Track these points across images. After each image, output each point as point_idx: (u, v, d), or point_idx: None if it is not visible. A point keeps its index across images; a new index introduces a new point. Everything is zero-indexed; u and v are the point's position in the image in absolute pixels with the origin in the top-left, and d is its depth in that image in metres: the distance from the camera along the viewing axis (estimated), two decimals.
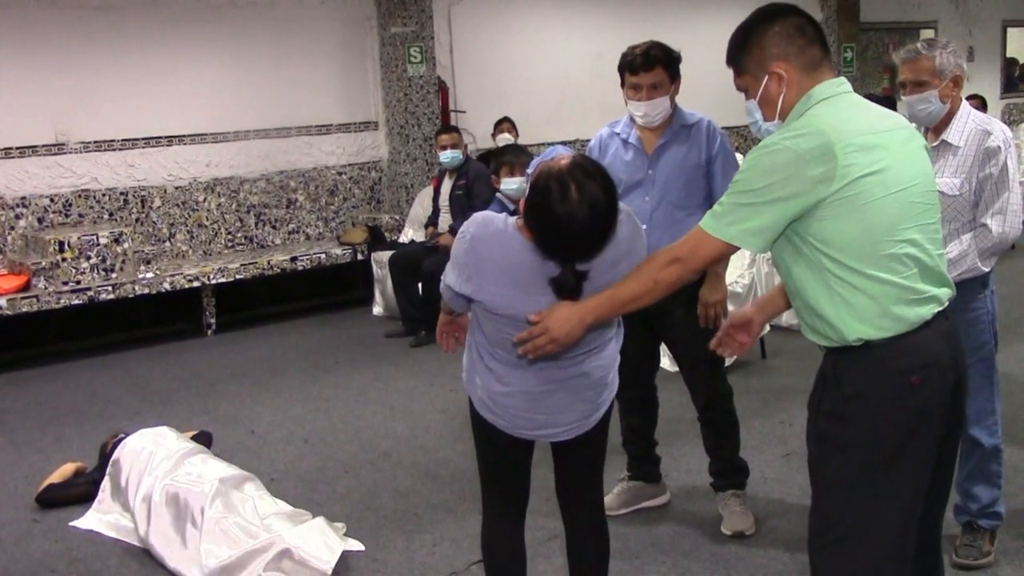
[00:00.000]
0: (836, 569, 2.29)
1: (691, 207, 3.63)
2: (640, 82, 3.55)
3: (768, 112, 2.34)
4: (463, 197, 7.02)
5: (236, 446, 4.94)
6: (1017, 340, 5.98)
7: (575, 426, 2.68)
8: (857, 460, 2.23)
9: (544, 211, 2.35)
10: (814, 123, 2.19)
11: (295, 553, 3.49)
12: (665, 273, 2.33)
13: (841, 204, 2.14)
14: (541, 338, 2.39)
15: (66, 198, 7.33)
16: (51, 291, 6.68)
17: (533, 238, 2.41)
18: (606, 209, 2.37)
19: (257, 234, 8.27)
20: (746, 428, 4.04)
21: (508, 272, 2.46)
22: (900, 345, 2.20)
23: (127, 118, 7.55)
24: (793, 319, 6.64)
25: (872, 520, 2.25)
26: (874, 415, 2.21)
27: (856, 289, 2.19)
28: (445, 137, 7.23)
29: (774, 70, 2.28)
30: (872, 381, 2.21)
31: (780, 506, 3.95)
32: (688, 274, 2.36)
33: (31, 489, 4.45)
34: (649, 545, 3.70)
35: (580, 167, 2.38)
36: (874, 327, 2.19)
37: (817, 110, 2.23)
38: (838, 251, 2.17)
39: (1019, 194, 3.21)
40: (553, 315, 2.39)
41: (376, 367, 6.37)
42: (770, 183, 2.16)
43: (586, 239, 2.37)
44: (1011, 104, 13.53)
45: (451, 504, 4.17)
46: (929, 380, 2.21)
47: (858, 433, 2.22)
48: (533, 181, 2.40)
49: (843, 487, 2.26)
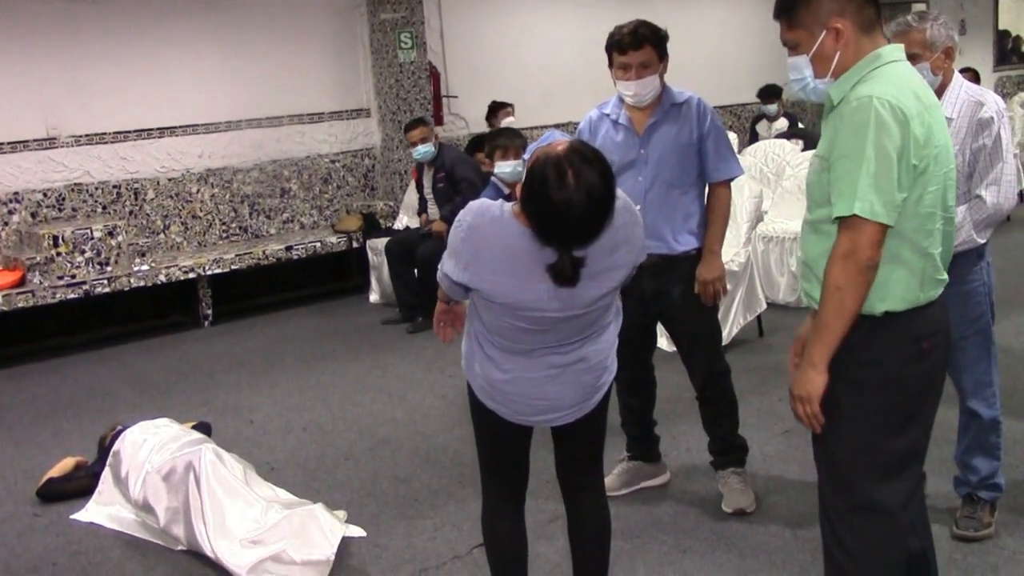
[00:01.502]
0: (858, 535, 2.33)
1: (684, 185, 3.62)
2: (629, 61, 3.53)
3: (820, 69, 2.32)
4: (447, 188, 6.99)
5: (235, 436, 4.94)
6: (1014, 312, 5.98)
7: (574, 410, 2.68)
8: (873, 426, 2.28)
9: (541, 198, 2.34)
10: (906, 83, 2.21)
11: (291, 557, 3.49)
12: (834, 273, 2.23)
13: (920, 173, 2.19)
14: (798, 408, 2.34)
15: (59, 192, 7.31)
16: (46, 286, 6.66)
17: (530, 224, 2.40)
18: (603, 195, 2.35)
19: (251, 224, 8.25)
20: (744, 406, 4.04)
21: (505, 259, 2.45)
22: (916, 315, 2.26)
23: (118, 111, 7.51)
24: (790, 296, 6.70)
25: (887, 484, 2.30)
26: (889, 381, 2.26)
27: (901, 261, 2.23)
28: (414, 133, 7.10)
29: (833, 25, 2.26)
30: (889, 349, 2.26)
31: (780, 483, 3.96)
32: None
33: (31, 484, 4.45)
34: (650, 524, 3.71)
35: (577, 153, 2.36)
36: (903, 300, 2.25)
37: (894, 70, 2.24)
38: (901, 220, 2.19)
39: (1013, 165, 3.21)
40: (792, 384, 2.36)
41: (374, 354, 6.37)
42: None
43: (583, 225, 2.36)
44: (1004, 77, 13.49)
45: (451, 489, 4.17)
46: (936, 346, 2.29)
47: (874, 399, 2.27)
48: (530, 167, 2.38)
49: (858, 453, 2.30)
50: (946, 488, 3.59)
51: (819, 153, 2.32)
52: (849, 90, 2.25)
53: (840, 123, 2.22)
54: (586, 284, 2.45)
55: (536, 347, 2.58)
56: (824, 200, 2.28)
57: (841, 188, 2.19)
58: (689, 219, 3.66)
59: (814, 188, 2.34)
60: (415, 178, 7.54)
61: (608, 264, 2.48)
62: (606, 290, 2.53)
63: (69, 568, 3.74)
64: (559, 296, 2.45)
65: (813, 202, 2.35)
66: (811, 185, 2.36)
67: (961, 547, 3.31)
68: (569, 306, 2.49)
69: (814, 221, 2.35)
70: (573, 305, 2.49)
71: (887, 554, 2.36)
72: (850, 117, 2.18)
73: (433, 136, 7.19)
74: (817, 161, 2.33)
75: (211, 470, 3.72)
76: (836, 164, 2.21)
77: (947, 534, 3.37)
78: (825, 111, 2.38)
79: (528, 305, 2.47)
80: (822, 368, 2.27)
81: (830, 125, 2.30)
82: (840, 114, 2.24)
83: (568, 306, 2.49)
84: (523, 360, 2.60)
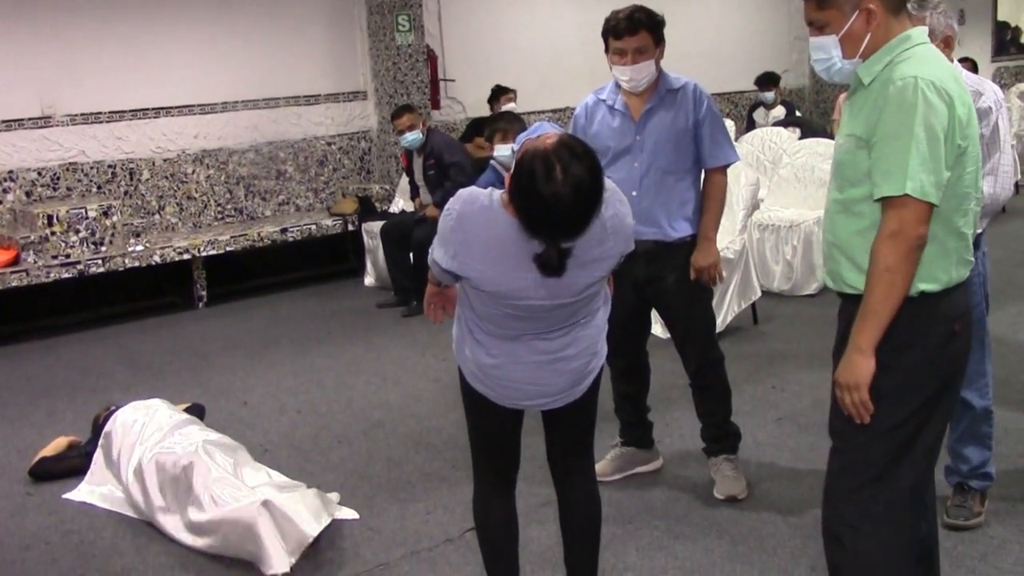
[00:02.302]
0: (863, 513, 2.33)
1: (680, 172, 3.61)
2: (625, 47, 3.52)
3: (850, 50, 2.30)
4: (437, 174, 6.96)
5: (229, 418, 4.94)
6: (1007, 303, 5.99)
7: (564, 395, 2.69)
8: (899, 408, 2.27)
9: (529, 192, 2.32)
10: (944, 65, 2.22)
11: (279, 510, 3.42)
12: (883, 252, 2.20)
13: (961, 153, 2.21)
14: (845, 397, 2.29)
15: (54, 171, 7.28)
16: (40, 265, 6.65)
17: (518, 217, 2.39)
18: (591, 190, 2.34)
19: (247, 206, 8.23)
20: (738, 393, 4.05)
21: (493, 249, 2.45)
22: (948, 295, 2.27)
23: (114, 90, 7.49)
24: (785, 284, 6.70)
25: (902, 465, 2.30)
26: (920, 363, 2.25)
27: (938, 241, 2.22)
28: (401, 120, 7.04)
29: (866, 6, 2.25)
30: (923, 330, 2.25)
31: (772, 470, 3.97)
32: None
33: (24, 463, 4.45)
34: (642, 510, 3.72)
35: (566, 147, 2.34)
36: (939, 281, 2.24)
37: (928, 51, 2.24)
38: (940, 201, 2.19)
39: (1010, 155, 3.21)
40: (837, 372, 2.32)
41: (368, 337, 6.36)
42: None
43: (571, 220, 2.34)
44: (1002, 68, 13.48)
45: (444, 472, 4.18)
46: (966, 327, 2.30)
47: (905, 382, 2.26)
48: (518, 161, 2.37)
49: (880, 435, 2.29)
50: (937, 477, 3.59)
51: (852, 132, 2.28)
52: (881, 71, 2.24)
53: (884, 103, 2.19)
54: (574, 273, 2.45)
55: (524, 333, 2.58)
56: (859, 179, 2.26)
57: (888, 167, 2.16)
58: (684, 205, 3.65)
59: (847, 168, 2.30)
60: (404, 165, 7.52)
61: (596, 254, 2.48)
62: (594, 279, 2.53)
63: (62, 546, 3.74)
64: (546, 285, 2.45)
65: (846, 181, 2.31)
66: (843, 165, 2.32)
67: (951, 536, 3.32)
68: (556, 295, 2.49)
69: (845, 201, 2.32)
70: (561, 294, 2.49)
71: (898, 535, 2.35)
72: (896, 97, 2.16)
73: (421, 123, 7.13)
74: (851, 140, 2.28)
75: (202, 478, 3.63)
76: (881, 144, 2.19)
77: (938, 523, 3.38)
78: (850, 91, 2.36)
79: (515, 294, 2.47)
80: (870, 353, 2.23)
81: (860, 105, 2.28)
82: (878, 94, 2.21)
83: (555, 295, 2.48)
84: (512, 346, 2.60)
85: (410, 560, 3.48)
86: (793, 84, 11.74)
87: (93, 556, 3.66)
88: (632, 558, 3.38)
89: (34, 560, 3.66)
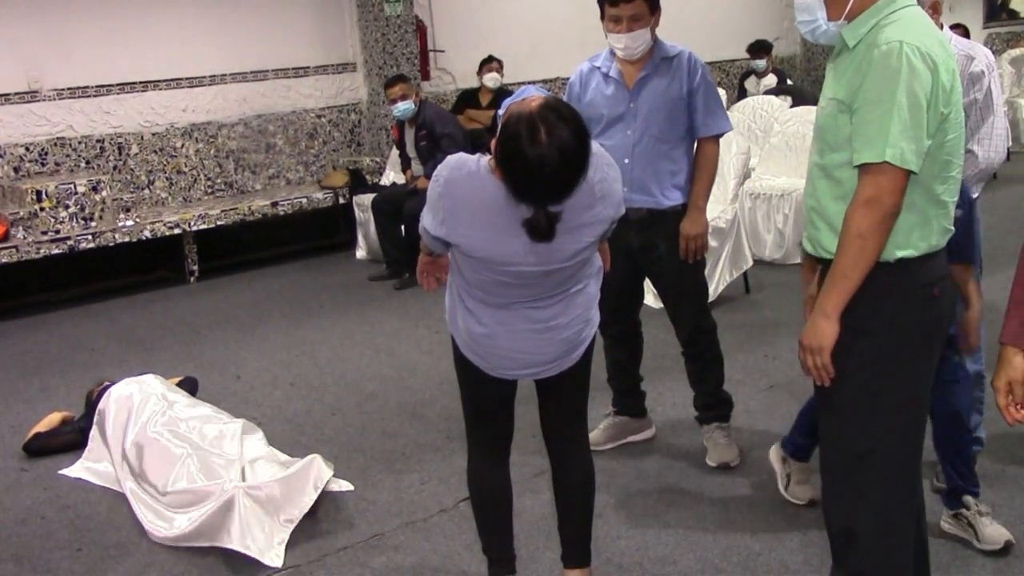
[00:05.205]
0: (859, 486, 2.33)
1: (672, 140, 3.60)
2: (620, 14, 3.49)
3: (835, 11, 2.27)
4: (430, 145, 6.92)
5: (222, 391, 4.94)
6: (1000, 269, 5.98)
7: (556, 364, 2.69)
8: (883, 373, 2.27)
9: (514, 154, 2.31)
10: (930, 30, 2.19)
11: (253, 502, 3.43)
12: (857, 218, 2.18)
13: (943, 120, 2.18)
14: (808, 360, 2.29)
15: (42, 147, 7.23)
16: (30, 241, 6.62)
17: (504, 181, 2.38)
18: (576, 153, 2.32)
19: (237, 179, 8.19)
20: (730, 361, 4.06)
21: (481, 214, 2.44)
22: (927, 261, 2.25)
23: (101, 63, 7.42)
24: (777, 253, 6.70)
25: (892, 434, 2.30)
26: (901, 327, 2.24)
27: (917, 209, 2.21)
28: (394, 90, 6.97)
29: None
30: (902, 296, 2.24)
31: (764, 437, 3.98)
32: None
33: (18, 439, 4.45)
34: (635, 478, 3.74)
35: (551, 109, 2.33)
36: (917, 248, 2.23)
37: (915, 14, 2.21)
38: (921, 168, 2.17)
39: (1003, 119, 3.20)
40: (802, 334, 2.32)
41: (361, 310, 6.36)
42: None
43: (556, 182, 2.33)
44: (994, 33, 13.43)
45: (438, 443, 4.19)
46: (945, 291, 2.28)
47: (884, 347, 2.25)
48: (503, 124, 2.36)
49: (865, 401, 2.28)
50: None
51: (834, 96, 2.25)
52: (866, 33, 2.21)
53: (868, 67, 2.16)
54: (563, 239, 2.44)
55: (515, 301, 2.57)
56: (840, 144, 2.23)
57: (869, 133, 2.14)
58: (677, 174, 3.64)
59: (828, 132, 2.28)
60: (395, 136, 7.47)
61: (586, 219, 2.47)
62: (584, 244, 2.51)
63: (57, 521, 3.75)
64: (536, 251, 2.44)
65: (826, 146, 2.29)
66: (824, 129, 2.29)
67: (940, 500, 3.34)
68: (546, 260, 2.48)
69: (825, 166, 2.29)
70: (550, 260, 2.48)
71: (895, 501, 2.34)
72: (880, 62, 2.13)
73: (414, 93, 7.08)
74: (833, 104, 2.25)
75: (183, 464, 3.62)
76: (863, 109, 2.16)
77: (927, 487, 3.40)
78: (834, 53, 2.33)
79: (505, 260, 2.46)
80: (835, 318, 2.23)
81: (844, 67, 2.25)
82: (863, 58, 2.19)
83: (545, 260, 2.48)
84: (503, 314, 2.60)
85: (405, 530, 3.50)
86: (784, 52, 11.69)
87: (89, 530, 3.67)
88: (625, 526, 3.40)
89: (30, 534, 3.67)
